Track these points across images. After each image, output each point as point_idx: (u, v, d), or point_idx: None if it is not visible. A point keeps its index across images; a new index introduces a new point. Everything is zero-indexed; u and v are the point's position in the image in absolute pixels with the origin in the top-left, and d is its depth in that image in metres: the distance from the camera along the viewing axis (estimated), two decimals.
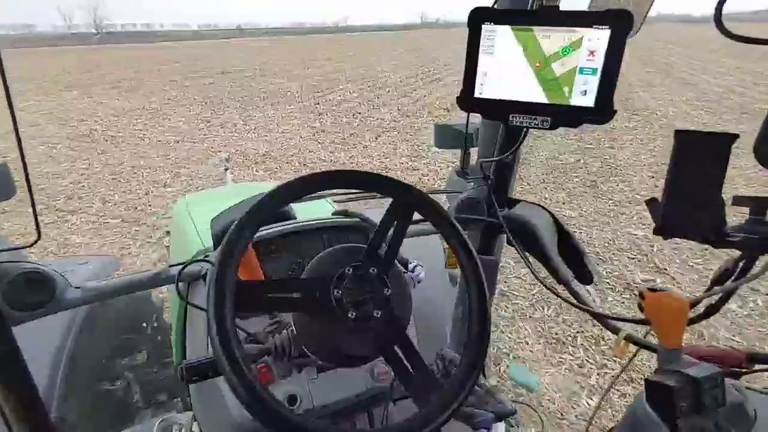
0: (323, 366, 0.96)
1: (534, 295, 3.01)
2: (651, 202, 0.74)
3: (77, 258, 2.33)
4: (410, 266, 1.05)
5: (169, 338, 1.83)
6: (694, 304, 0.71)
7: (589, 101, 0.77)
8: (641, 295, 0.73)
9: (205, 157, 6.18)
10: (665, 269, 3.27)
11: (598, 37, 0.74)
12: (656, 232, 0.74)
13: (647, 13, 0.83)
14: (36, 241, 0.74)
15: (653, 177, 5.14)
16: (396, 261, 0.87)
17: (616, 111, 0.75)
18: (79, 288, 0.88)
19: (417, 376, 0.71)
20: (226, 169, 3.13)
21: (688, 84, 10.66)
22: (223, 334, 0.59)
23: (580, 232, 3.79)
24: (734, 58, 15.06)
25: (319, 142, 7.15)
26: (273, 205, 0.70)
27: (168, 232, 2.52)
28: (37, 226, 0.73)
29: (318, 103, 10.30)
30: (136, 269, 3.39)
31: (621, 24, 0.72)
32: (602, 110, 0.77)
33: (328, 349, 0.75)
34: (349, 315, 0.69)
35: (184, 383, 0.71)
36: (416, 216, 0.80)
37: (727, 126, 6.84)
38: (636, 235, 3.80)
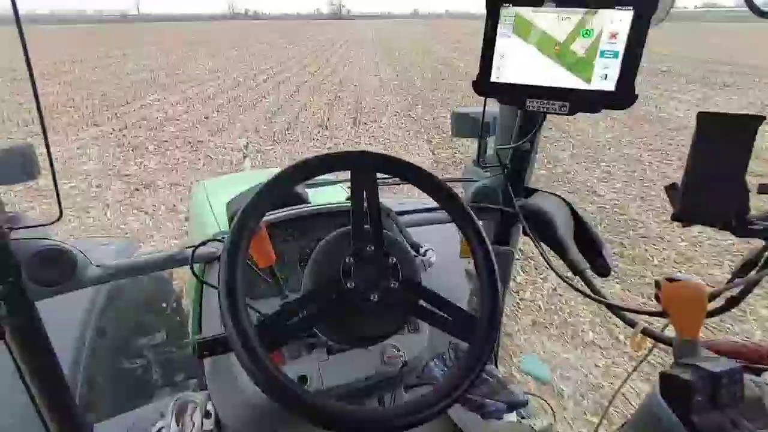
0: (333, 347, 1.02)
1: None
2: (670, 188, 0.76)
3: (100, 239, 2.51)
4: (422, 250, 1.08)
5: (187, 320, 1.96)
6: (713, 296, 0.73)
7: (609, 85, 0.79)
8: (658, 285, 0.74)
9: None
10: None
11: (621, 19, 0.76)
12: (675, 218, 0.75)
13: None
14: (58, 219, 0.82)
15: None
16: (405, 241, 1.00)
17: (637, 96, 0.78)
18: (99, 266, 0.94)
19: (454, 318, 0.76)
20: (245, 156, 3.50)
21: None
22: (234, 311, 0.62)
23: None
24: None
25: (146, 213, 3.76)
26: (282, 187, 0.74)
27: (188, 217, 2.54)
28: (60, 204, 0.81)
29: (125, 127, 6.55)
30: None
31: (644, 5, 0.73)
32: (623, 95, 0.78)
33: (349, 335, 0.78)
34: (371, 298, 0.72)
35: (197, 357, 0.74)
36: (431, 204, 0.86)
37: None
38: None
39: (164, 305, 2.00)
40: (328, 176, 0.81)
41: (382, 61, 17.42)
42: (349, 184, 1.28)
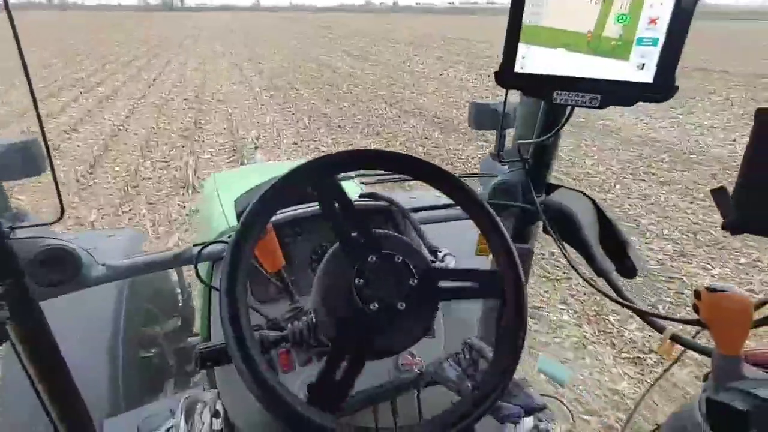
0: None
1: None
2: (718, 192, 0.67)
3: (104, 231, 2.40)
4: (440, 255, 1.00)
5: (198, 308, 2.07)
6: (759, 306, 0.67)
7: (647, 76, 0.71)
8: (697, 295, 0.67)
9: None
10: None
11: (661, 3, 0.68)
12: (725, 227, 0.66)
13: None
14: (60, 218, 0.81)
15: None
16: (423, 248, 0.96)
17: (677, 88, 0.70)
18: (104, 265, 0.93)
19: (481, 282, 0.73)
20: (256, 148, 3.34)
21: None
22: (234, 319, 0.60)
23: None
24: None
25: None
26: (290, 187, 0.70)
27: (196, 210, 2.52)
28: (61, 202, 0.80)
29: None
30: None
31: None
32: (662, 87, 0.70)
33: (373, 351, 0.72)
34: (399, 307, 0.67)
35: (198, 369, 0.72)
36: (447, 200, 0.80)
37: None
38: None
39: (177, 292, 2.02)
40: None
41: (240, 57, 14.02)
42: (362, 179, 1.27)
